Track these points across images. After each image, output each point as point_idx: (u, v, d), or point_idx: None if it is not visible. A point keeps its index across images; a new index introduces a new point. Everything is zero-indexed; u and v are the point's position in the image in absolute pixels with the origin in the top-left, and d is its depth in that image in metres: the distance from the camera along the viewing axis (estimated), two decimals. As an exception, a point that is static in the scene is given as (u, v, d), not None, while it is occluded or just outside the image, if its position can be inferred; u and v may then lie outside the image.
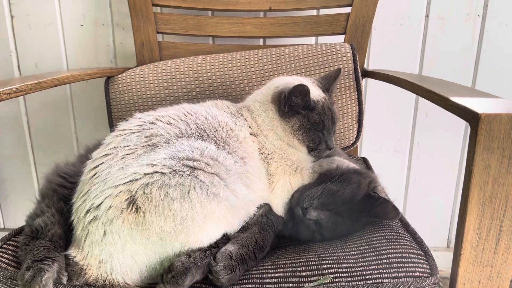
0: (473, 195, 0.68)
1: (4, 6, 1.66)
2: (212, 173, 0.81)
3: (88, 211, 0.79)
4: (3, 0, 1.65)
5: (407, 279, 0.72)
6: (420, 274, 0.73)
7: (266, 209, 0.90)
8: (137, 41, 1.45)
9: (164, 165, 0.79)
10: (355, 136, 1.27)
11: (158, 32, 1.45)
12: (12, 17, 1.68)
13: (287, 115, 0.97)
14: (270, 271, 0.79)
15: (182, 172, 0.79)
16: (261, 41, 1.54)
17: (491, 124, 0.65)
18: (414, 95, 1.63)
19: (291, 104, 0.96)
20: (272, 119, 0.99)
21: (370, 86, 1.65)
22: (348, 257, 0.80)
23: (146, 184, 0.77)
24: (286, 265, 0.80)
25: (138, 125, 0.88)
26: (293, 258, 0.82)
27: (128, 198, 0.77)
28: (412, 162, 1.73)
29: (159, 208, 0.76)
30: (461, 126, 1.67)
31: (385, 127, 1.70)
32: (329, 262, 0.79)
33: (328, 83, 1.06)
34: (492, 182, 0.68)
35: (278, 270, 0.79)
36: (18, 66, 1.74)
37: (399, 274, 0.73)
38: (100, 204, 0.78)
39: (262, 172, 0.95)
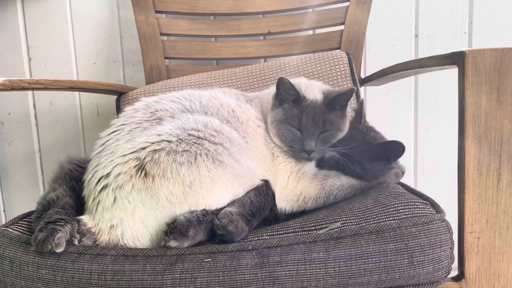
0: (469, 130, 0.72)
1: (23, 50, 1.79)
2: (216, 143, 0.85)
3: (98, 181, 0.82)
4: (22, 44, 1.79)
5: (414, 218, 0.73)
6: (427, 213, 0.74)
7: (268, 181, 0.92)
8: (147, 66, 1.55)
9: (170, 134, 0.84)
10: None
11: (165, 57, 1.55)
12: (30, 59, 1.80)
13: (274, 108, 1.02)
14: (279, 230, 0.80)
15: (188, 140, 0.83)
16: (262, 61, 1.64)
17: (476, 59, 0.70)
18: (413, 110, 1.70)
19: (281, 98, 1.00)
20: (268, 110, 1.04)
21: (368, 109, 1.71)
22: (356, 212, 0.81)
23: (154, 150, 0.81)
24: (296, 224, 0.81)
25: (143, 104, 0.94)
26: (301, 219, 0.83)
27: (137, 164, 0.80)
28: (418, 178, 1.74)
29: (167, 172, 0.79)
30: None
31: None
32: (337, 218, 0.80)
33: (333, 93, 1.01)
34: (485, 116, 0.71)
35: (288, 228, 0.80)
36: (34, 105, 1.84)
37: (406, 216, 0.74)
38: (110, 172, 0.81)
39: (267, 156, 0.98)
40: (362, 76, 1.59)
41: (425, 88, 1.69)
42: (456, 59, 0.73)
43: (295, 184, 0.98)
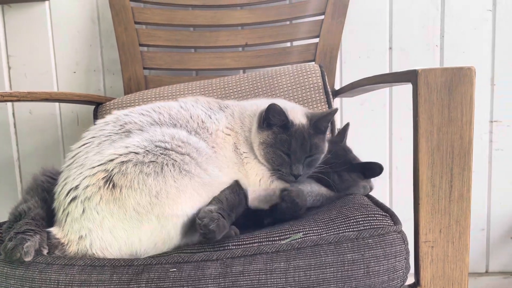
0: (422, 144, 0.75)
1: (3, 59, 1.80)
2: (183, 153, 0.88)
3: (68, 193, 0.84)
4: (2, 53, 1.79)
5: (372, 229, 0.76)
6: (384, 225, 0.77)
7: (238, 181, 0.95)
8: (125, 76, 1.57)
9: (137, 146, 0.86)
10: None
11: (144, 68, 1.58)
12: (9, 68, 1.81)
13: (262, 129, 1.03)
14: (245, 240, 0.83)
15: (155, 152, 0.85)
16: (240, 72, 1.67)
17: (428, 77, 0.74)
18: (388, 120, 1.74)
19: (269, 122, 1.01)
20: (253, 127, 1.05)
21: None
22: (319, 222, 0.84)
23: (122, 162, 0.83)
24: (261, 234, 0.83)
25: (114, 117, 0.96)
26: (267, 230, 0.86)
27: (105, 176, 0.82)
28: (393, 186, 1.78)
29: (134, 183, 0.81)
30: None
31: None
32: (300, 228, 0.83)
33: (316, 116, 1.05)
34: (437, 131, 0.75)
35: (253, 238, 0.82)
36: (13, 114, 1.84)
37: (364, 227, 0.78)
38: (79, 184, 0.84)
39: (235, 162, 1.01)
40: (338, 87, 1.63)
41: (400, 99, 1.73)
42: (410, 76, 0.77)
43: (268, 185, 1.02)
